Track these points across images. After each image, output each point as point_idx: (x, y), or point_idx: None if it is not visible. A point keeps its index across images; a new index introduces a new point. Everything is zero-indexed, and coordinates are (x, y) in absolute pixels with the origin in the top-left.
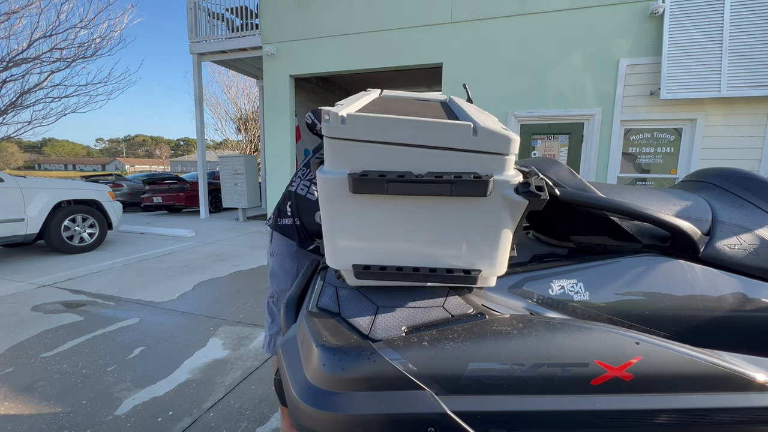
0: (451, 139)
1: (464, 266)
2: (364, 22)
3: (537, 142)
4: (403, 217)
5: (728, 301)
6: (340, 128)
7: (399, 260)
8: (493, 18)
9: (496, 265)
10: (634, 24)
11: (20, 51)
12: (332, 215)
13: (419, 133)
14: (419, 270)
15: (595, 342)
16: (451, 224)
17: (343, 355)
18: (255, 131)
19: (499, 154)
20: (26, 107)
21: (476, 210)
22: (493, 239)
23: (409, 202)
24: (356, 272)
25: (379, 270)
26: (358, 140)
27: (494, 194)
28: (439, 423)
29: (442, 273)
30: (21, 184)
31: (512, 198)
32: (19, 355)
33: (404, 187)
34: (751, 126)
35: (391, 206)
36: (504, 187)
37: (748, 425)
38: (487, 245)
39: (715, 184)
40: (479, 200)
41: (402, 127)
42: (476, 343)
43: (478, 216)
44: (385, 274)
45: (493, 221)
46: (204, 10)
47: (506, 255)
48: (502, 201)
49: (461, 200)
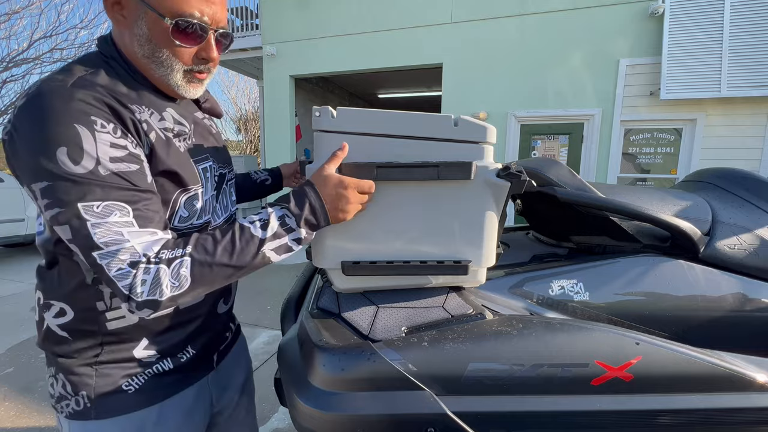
0: (434, 130)
1: (454, 257)
2: (364, 22)
3: (537, 142)
4: (390, 208)
5: (728, 301)
6: (330, 121)
7: (388, 254)
8: (493, 18)
9: (483, 256)
10: (634, 24)
11: (20, 51)
12: None
13: (404, 124)
14: (410, 263)
15: (595, 342)
16: (438, 213)
17: (343, 355)
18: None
19: (477, 143)
20: None
21: (462, 197)
22: (480, 226)
23: (396, 194)
24: (345, 269)
25: (369, 264)
26: (347, 132)
27: (477, 180)
28: (439, 423)
29: (432, 264)
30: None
31: (494, 182)
32: (19, 355)
33: (393, 173)
34: (751, 126)
35: (379, 198)
36: (485, 173)
37: (748, 425)
38: (474, 233)
39: (715, 184)
40: (464, 187)
41: (388, 119)
42: (476, 344)
43: (464, 202)
44: (376, 267)
45: (479, 206)
46: None
47: (493, 245)
48: (485, 186)
49: (447, 189)
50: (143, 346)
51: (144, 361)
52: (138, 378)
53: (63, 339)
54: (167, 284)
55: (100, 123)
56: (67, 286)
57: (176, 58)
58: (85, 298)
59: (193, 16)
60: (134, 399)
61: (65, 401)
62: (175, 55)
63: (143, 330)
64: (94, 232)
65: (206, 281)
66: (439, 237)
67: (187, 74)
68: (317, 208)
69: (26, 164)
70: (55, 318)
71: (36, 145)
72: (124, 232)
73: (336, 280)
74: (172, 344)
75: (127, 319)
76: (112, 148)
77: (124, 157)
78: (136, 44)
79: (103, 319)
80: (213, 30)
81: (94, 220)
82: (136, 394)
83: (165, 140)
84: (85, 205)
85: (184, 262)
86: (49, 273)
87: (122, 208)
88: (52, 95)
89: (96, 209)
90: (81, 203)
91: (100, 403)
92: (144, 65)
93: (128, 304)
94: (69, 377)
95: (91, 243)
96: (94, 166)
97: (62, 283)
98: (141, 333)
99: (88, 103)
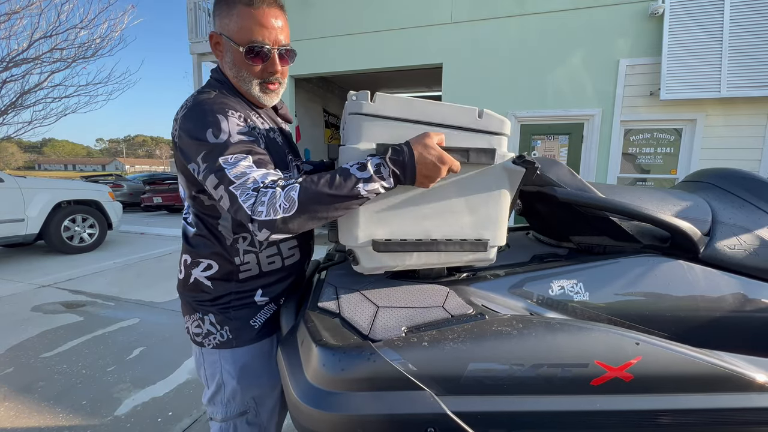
0: (461, 119)
1: (475, 236)
2: (365, 22)
3: (537, 142)
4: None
5: (728, 301)
6: (368, 105)
7: (416, 233)
8: (493, 18)
9: (499, 234)
10: (634, 24)
11: (20, 51)
12: None
13: (436, 113)
14: (436, 240)
15: (594, 342)
16: (462, 196)
17: (343, 355)
18: None
19: (496, 134)
20: (26, 107)
21: (483, 182)
22: (496, 207)
23: None
24: (377, 246)
25: (399, 242)
26: (383, 116)
27: (496, 166)
28: (439, 423)
29: (456, 241)
30: (21, 185)
31: (511, 168)
32: (19, 355)
33: None
34: (751, 126)
35: None
36: (503, 160)
37: (748, 425)
38: (493, 213)
39: (715, 185)
40: (485, 173)
41: (423, 107)
42: (476, 344)
43: (484, 186)
44: (406, 244)
45: (496, 190)
46: (204, 11)
47: (506, 226)
48: (502, 172)
49: (470, 174)
50: (260, 294)
51: (261, 305)
52: (260, 317)
53: (207, 288)
54: (280, 204)
55: (230, 112)
56: (213, 247)
57: (251, 74)
58: (227, 256)
59: (257, 42)
60: (259, 332)
61: (211, 336)
62: (250, 72)
63: (260, 280)
64: (229, 171)
65: (310, 207)
66: (462, 217)
67: (261, 86)
68: (408, 168)
69: (189, 146)
70: (204, 271)
71: (195, 132)
72: (247, 170)
73: (363, 259)
74: (277, 294)
75: (252, 271)
76: (238, 126)
77: (246, 131)
78: (228, 69)
79: (237, 270)
80: (275, 49)
81: (229, 167)
82: (260, 329)
83: (266, 135)
84: (223, 158)
85: (294, 187)
86: (197, 239)
87: (245, 157)
88: (201, 102)
89: (230, 160)
90: (221, 157)
91: (238, 336)
92: (237, 84)
93: (252, 225)
94: (215, 317)
95: (228, 179)
96: (227, 137)
97: (208, 245)
98: (258, 283)
99: (222, 102)
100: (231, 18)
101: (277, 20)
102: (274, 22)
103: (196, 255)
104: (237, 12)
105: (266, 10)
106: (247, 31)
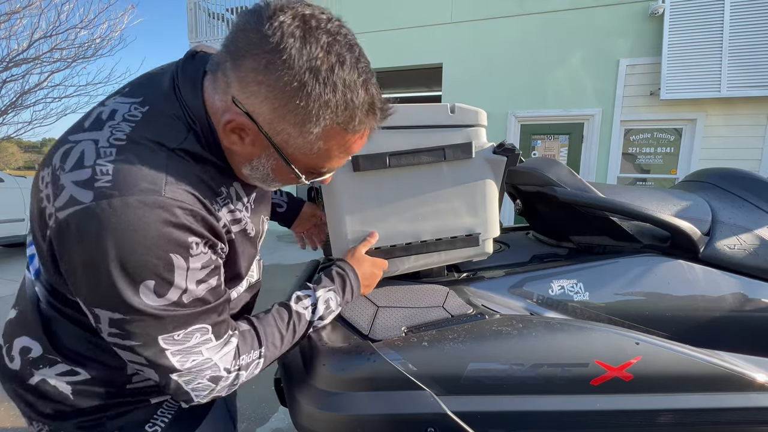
0: (434, 118)
1: (465, 231)
2: (364, 22)
3: (537, 142)
4: (403, 195)
5: (728, 301)
6: None
7: (405, 237)
8: (493, 18)
9: (489, 226)
10: (634, 24)
11: (20, 51)
12: (336, 204)
13: (407, 115)
14: (426, 242)
15: (594, 342)
16: (446, 194)
17: (343, 355)
18: None
19: (472, 126)
20: (26, 107)
21: (465, 176)
22: (483, 199)
23: (407, 180)
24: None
25: (389, 248)
26: None
27: (477, 158)
28: (439, 423)
29: (447, 240)
30: (21, 184)
31: (492, 158)
32: None
33: (404, 158)
34: (751, 126)
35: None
36: (483, 151)
37: (748, 425)
38: (480, 206)
39: (715, 185)
40: (467, 167)
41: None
42: (476, 344)
43: (468, 180)
44: (395, 250)
45: (481, 182)
46: (204, 11)
47: (497, 216)
48: (484, 163)
49: (452, 170)
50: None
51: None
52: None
53: (64, 398)
54: (240, 382)
55: (194, 239)
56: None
57: (277, 182)
58: (109, 361)
59: (330, 169)
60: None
61: None
62: (285, 184)
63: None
64: (175, 359)
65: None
66: (449, 214)
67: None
68: (355, 289)
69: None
70: (63, 376)
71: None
72: (203, 351)
73: None
74: None
75: (150, 381)
76: (201, 264)
77: (211, 266)
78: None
79: (126, 380)
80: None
81: (175, 348)
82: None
83: (238, 232)
84: (165, 336)
85: (259, 364)
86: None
87: (202, 328)
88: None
89: (177, 338)
90: (161, 336)
91: None
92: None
93: (184, 403)
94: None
95: (170, 368)
96: (179, 296)
97: (79, 341)
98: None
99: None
100: (304, 130)
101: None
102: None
103: (55, 350)
104: (323, 130)
105: (365, 133)
106: (325, 157)
